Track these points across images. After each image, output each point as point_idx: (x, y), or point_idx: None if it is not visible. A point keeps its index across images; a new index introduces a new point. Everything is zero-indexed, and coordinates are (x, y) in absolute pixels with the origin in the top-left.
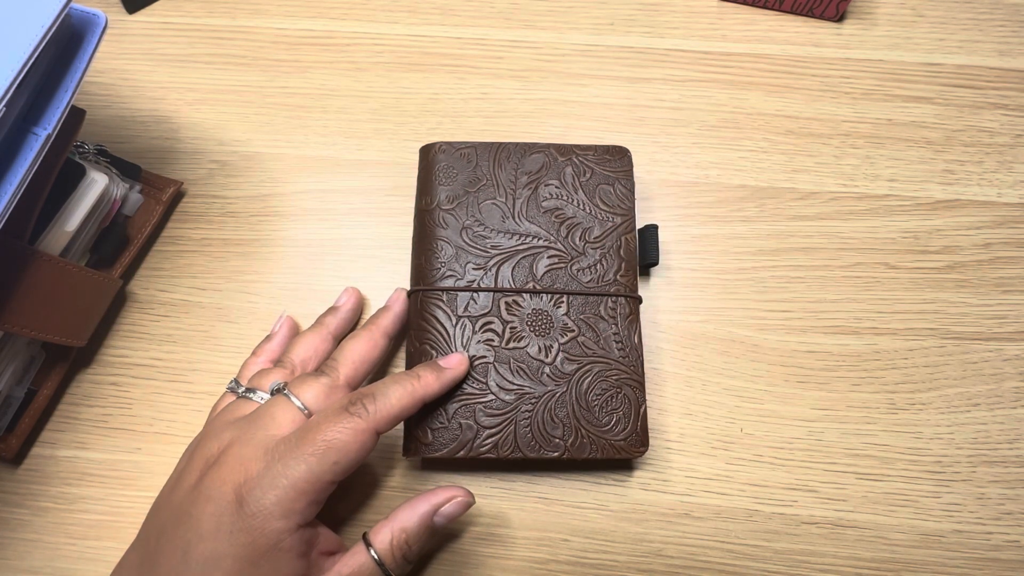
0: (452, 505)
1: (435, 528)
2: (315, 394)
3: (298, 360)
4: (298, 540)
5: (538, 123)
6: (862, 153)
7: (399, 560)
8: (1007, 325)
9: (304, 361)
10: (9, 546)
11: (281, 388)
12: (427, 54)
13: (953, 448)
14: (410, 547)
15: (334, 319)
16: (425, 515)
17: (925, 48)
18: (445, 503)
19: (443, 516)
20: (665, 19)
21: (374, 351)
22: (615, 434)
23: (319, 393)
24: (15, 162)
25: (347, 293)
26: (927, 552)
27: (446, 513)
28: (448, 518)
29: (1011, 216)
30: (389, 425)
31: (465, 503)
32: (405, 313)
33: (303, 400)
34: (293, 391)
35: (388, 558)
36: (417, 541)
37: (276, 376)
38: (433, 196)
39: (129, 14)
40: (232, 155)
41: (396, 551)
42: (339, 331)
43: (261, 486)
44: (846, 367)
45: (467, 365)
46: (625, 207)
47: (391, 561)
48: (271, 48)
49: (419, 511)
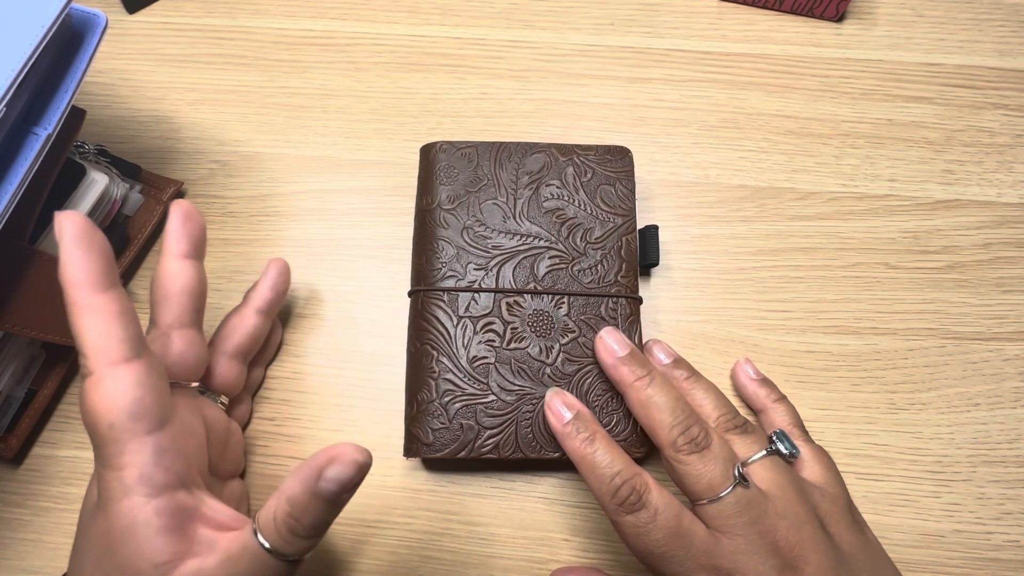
0: (338, 468)
1: (327, 497)
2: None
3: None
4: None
5: (538, 123)
6: (862, 153)
7: (285, 535)
8: (1007, 325)
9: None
10: (9, 546)
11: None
12: (427, 54)
13: (953, 448)
14: (297, 520)
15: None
16: (308, 481)
17: (925, 48)
18: (327, 464)
19: (331, 481)
20: (665, 19)
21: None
22: (615, 434)
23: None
24: (15, 162)
25: (271, 265)
26: (927, 552)
27: (333, 478)
28: (339, 483)
29: (1011, 216)
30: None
31: (353, 462)
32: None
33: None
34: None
35: (272, 534)
36: (305, 513)
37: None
38: (434, 196)
39: (129, 14)
40: (232, 155)
41: (281, 525)
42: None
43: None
44: (846, 367)
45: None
46: (626, 207)
47: (275, 537)
48: (271, 48)
49: (301, 477)
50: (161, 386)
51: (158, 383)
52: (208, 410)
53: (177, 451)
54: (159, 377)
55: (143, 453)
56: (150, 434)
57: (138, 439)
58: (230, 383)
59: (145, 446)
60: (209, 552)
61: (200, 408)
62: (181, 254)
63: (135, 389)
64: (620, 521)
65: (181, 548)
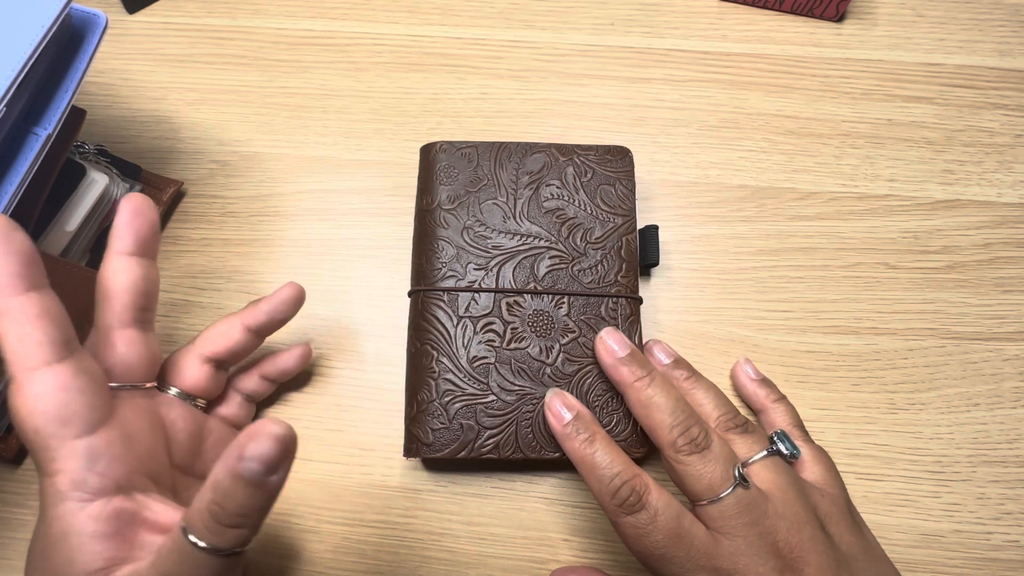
0: (254, 443)
1: (249, 477)
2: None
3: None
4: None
5: (538, 123)
6: (862, 153)
7: (210, 525)
8: (1007, 325)
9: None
10: (9, 546)
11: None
12: (427, 54)
13: (953, 448)
14: (221, 507)
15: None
16: (228, 462)
17: (925, 48)
18: (247, 442)
19: (250, 459)
20: (665, 19)
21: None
22: (615, 435)
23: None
24: (15, 162)
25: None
26: (927, 552)
27: (252, 454)
28: (259, 460)
29: (1011, 216)
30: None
31: (270, 434)
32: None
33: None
34: None
35: (197, 525)
36: (228, 498)
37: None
38: (434, 196)
39: (129, 14)
40: (232, 155)
41: (205, 514)
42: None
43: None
44: (846, 367)
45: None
46: (626, 207)
47: (201, 528)
48: (271, 48)
49: (223, 460)
50: (92, 389)
51: (87, 386)
52: (172, 410)
53: (114, 455)
54: (89, 380)
55: (74, 458)
56: (80, 438)
57: (68, 444)
58: (200, 386)
59: (76, 451)
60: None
61: (156, 408)
62: (124, 251)
63: (58, 393)
64: (620, 522)
65: (118, 554)
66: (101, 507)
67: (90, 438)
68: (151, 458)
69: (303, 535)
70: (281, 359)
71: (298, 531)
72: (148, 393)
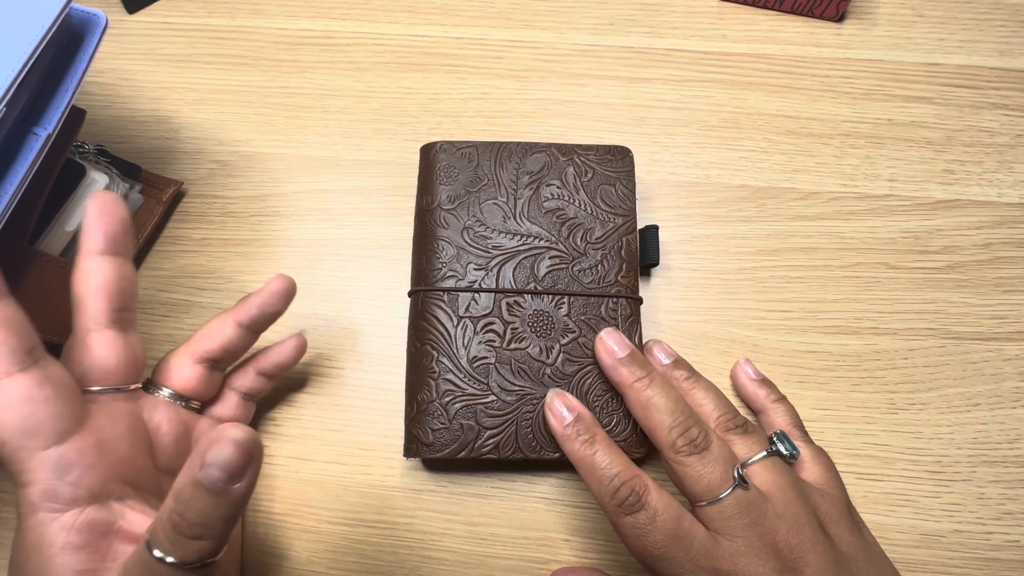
0: (214, 449)
1: (210, 485)
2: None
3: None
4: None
5: (538, 123)
6: (862, 153)
7: (171, 535)
8: (1007, 325)
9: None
10: (9, 546)
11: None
12: (427, 54)
13: (953, 448)
14: (182, 517)
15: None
16: (190, 469)
17: (925, 48)
18: (208, 448)
19: (211, 466)
20: (665, 19)
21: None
22: (615, 435)
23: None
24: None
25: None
26: (927, 552)
27: (212, 460)
28: (224, 469)
29: (1011, 216)
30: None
31: (230, 440)
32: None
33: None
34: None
35: (159, 536)
36: (189, 507)
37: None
38: (434, 196)
39: (129, 14)
40: (232, 155)
41: (166, 525)
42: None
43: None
44: (846, 367)
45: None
46: (626, 207)
47: (162, 539)
48: (271, 48)
49: (184, 468)
50: (58, 397)
51: (53, 395)
52: (156, 412)
53: (87, 464)
54: (54, 389)
55: (44, 469)
56: (49, 448)
57: (37, 455)
58: (191, 387)
59: (46, 462)
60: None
61: (138, 411)
62: (94, 251)
63: (22, 405)
64: (620, 522)
65: (90, 566)
66: (73, 518)
67: (60, 448)
68: (130, 464)
69: (303, 535)
70: (275, 352)
71: (298, 531)
72: (131, 396)
